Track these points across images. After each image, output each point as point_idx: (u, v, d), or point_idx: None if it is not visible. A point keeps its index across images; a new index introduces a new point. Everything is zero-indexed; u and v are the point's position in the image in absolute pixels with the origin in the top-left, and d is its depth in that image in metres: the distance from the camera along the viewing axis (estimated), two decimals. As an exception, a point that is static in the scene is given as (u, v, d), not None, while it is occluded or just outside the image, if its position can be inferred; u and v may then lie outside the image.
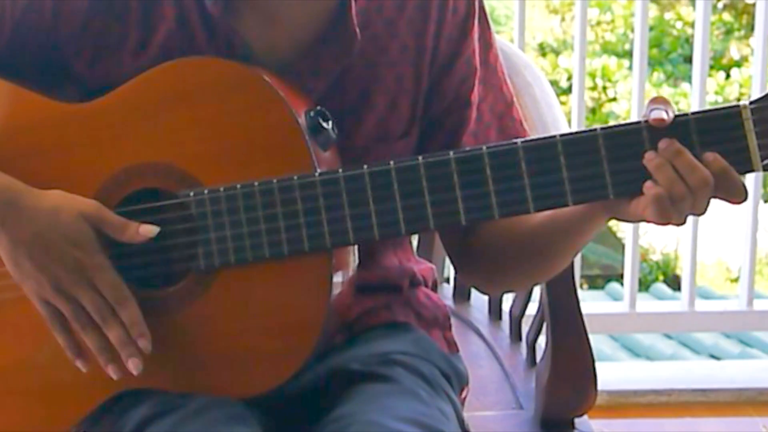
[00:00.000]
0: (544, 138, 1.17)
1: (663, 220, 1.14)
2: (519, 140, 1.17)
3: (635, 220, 1.17)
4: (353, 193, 1.19)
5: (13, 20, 1.28)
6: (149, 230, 1.22)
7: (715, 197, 1.14)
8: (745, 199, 1.14)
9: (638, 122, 1.14)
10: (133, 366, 1.20)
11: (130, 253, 1.23)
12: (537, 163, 1.16)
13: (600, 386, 1.51)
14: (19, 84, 1.28)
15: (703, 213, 1.15)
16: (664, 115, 1.13)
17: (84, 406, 1.26)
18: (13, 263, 1.21)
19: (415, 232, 1.25)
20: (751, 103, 1.13)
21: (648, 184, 1.14)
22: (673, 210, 1.14)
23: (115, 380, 1.22)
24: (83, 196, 1.23)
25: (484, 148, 1.17)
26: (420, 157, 1.19)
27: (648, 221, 1.16)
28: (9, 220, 1.20)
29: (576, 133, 1.17)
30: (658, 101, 1.14)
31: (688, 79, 6.93)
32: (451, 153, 1.18)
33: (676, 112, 1.14)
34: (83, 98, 1.27)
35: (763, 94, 1.13)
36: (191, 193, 1.22)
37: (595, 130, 1.15)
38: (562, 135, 1.16)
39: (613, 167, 1.14)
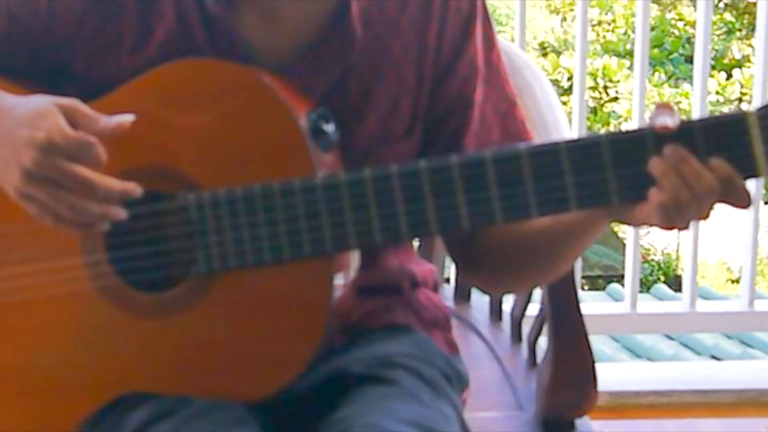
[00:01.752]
0: (548, 144, 1.16)
1: (667, 225, 1.14)
2: (523, 146, 1.17)
3: (639, 224, 1.17)
4: (355, 198, 1.19)
5: (8, 18, 1.28)
6: (122, 120, 1.14)
7: (719, 202, 1.14)
8: (750, 204, 1.14)
9: (642, 129, 1.14)
10: (116, 212, 1.15)
11: (130, 257, 1.22)
12: (541, 168, 1.15)
13: (601, 387, 1.51)
14: (18, 84, 1.28)
15: (706, 218, 1.15)
16: (669, 122, 1.12)
17: (84, 408, 1.26)
18: None
19: (417, 236, 1.25)
20: (757, 110, 1.12)
21: (653, 190, 1.13)
22: (678, 216, 1.13)
23: (114, 383, 1.22)
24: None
25: (488, 153, 1.17)
26: (422, 162, 1.18)
27: (652, 225, 1.16)
28: None
29: (580, 139, 1.16)
30: (663, 108, 1.13)
31: (689, 79, 6.93)
32: (454, 158, 1.17)
33: (681, 119, 1.14)
34: (83, 99, 1.26)
35: (768, 100, 1.13)
36: (191, 197, 1.22)
37: (599, 136, 1.15)
38: (566, 141, 1.16)
39: (617, 173, 1.14)
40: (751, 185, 2.82)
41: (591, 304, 3.33)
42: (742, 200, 1.13)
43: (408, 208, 1.18)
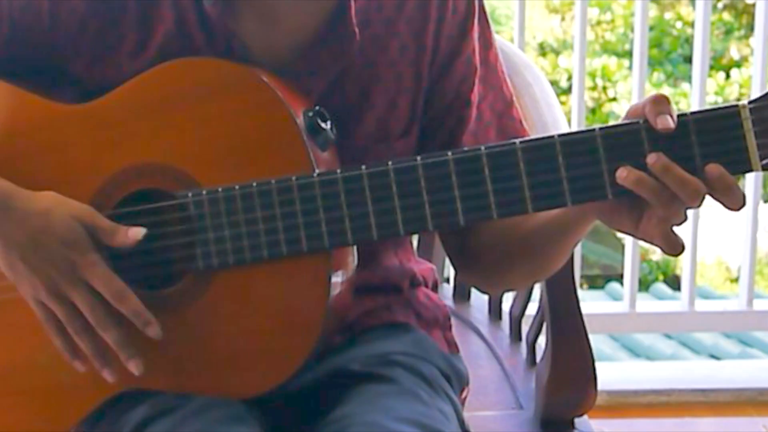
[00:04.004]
0: (543, 138, 1.17)
1: (666, 236, 1.14)
2: (517, 140, 1.17)
3: (641, 238, 1.17)
4: (352, 194, 1.19)
5: (11, 21, 1.28)
6: (137, 232, 1.20)
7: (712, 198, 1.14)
8: (742, 206, 1.13)
9: (636, 122, 1.14)
10: (134, 367, 1.20)
11: (128, 254, 1.23)
12: (535, 163, 1.16)
13: (600, 386, 1.51)
14: (18, 85, 1.28)
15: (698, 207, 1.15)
16: (671, 123, 1.12)
17: (84, 406, 1.26)
18: (8, 265, 1.21)
19: (413, 232, 1.25)
20: (749, 102, 1.13)
21: (648, 213, 1.13)
22: (674, 223, 1.13)
23: (114, 381, 1.22)
24: (82, 198, 1.22)
25: (483, 148, 1.17)
26: (418, 158, 1.18)
27: (654, 244, 1.15)
28: (0, 222, 1.20)
29: (574, 133, 1.16)
30: (661, 102, 1.13)
31: (688, 79, 6.92)
32: (450, 153, 1.18)
33: (677, 112, 1.14)
34: (82, 99, 1.27)
35: (762, 93, 1.13)
36: (189, 194, 1.22)
37: (593, 130, 1.15)
38: (560, 135, 1.16)
39: (612, 167, 1.14)
40: (749, 183, 2.82)
41: (590, 303, 3.33)
42: (735, 201, 1.13)
43: (404, 204, 1.18)
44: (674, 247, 1.14)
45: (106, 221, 1.21)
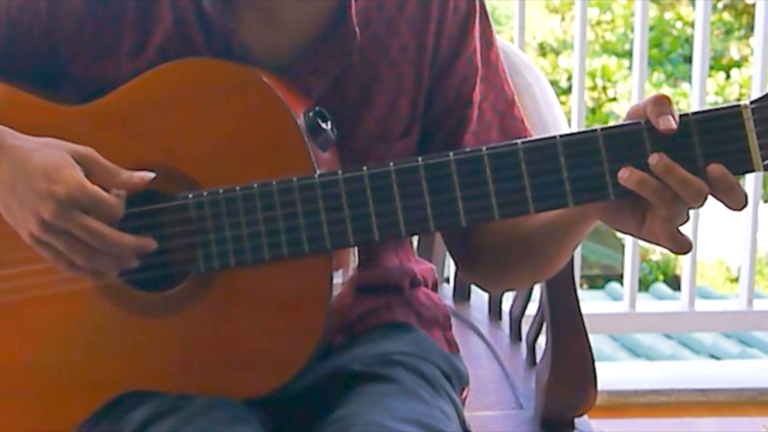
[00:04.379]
0: (544, 138, 1.17)
1: (671, 237, 1.14)
2: (519, 141, 1.17)
3: (646, 239, 1.17)
4: (353, 195, 1.19)
5: (9, 22, 1.29)
6: (143, 176, 1.19)
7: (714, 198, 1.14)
8: (744, 206, 1.13)
9: (638, 123, 1.14)
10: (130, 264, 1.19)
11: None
12: (537, 163, 1.16)
13: (600, 386, 1.51)
14: (17, 86, 1.29)
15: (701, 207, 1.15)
16: (673, 124, 1.12)
17: (85, 407, 1.26)
18: (4, 208, 1.19)
19: (415, 233, 1.25)
20: (751, 102, 1.12)
21: (651, 214, 1.13)
22: (678, 223, 1.13)
23: (115, 381, 1.22)
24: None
25: (484, 149, 1.17)
26: (420, 159, 1.18)
27: (660, 245, 1.15)
28: None
29: (576, 133, 1.16)
30: (663, 103, 1.12)
31: (688, 79, 6.92)
32: (451, 154, 1.18)
33: (678, 113, 1.14)
34: (82, 100, 1.27)
35: (763, 93, 1.13)
36: (190, 195, 1.22)
37: (595, 130, 1.15)
38: (562, 135, 1.16)
39: (614, 167, 1.14)
40: (750, 183, 2.82)
41: (590, 303, 3.33)
42: (737, 201, 1.13)
43: (405, 205, 1.18)
44: (682, 246, 1.13)
45: (109, 162, 1.19)
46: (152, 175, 1.19)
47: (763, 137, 1.12)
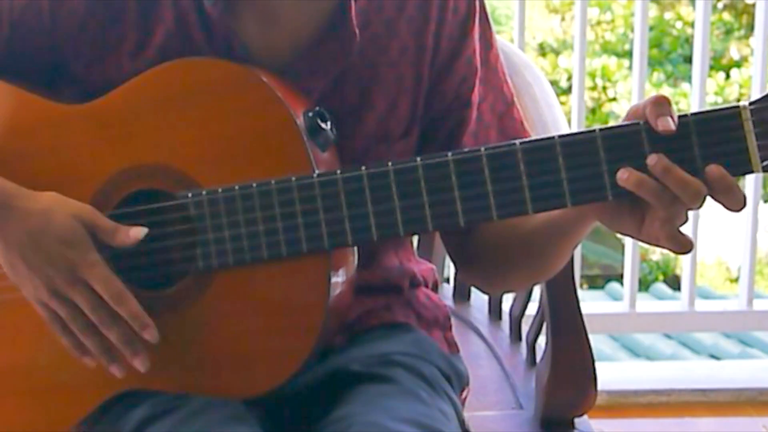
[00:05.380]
0: (543, 139, 1.16)
1: (672, 237, 1.14)
2: (517, 141, 1.17)
3: (647, 241, 1.16)
4: (351, 194, 1.19)
5: (11, 21, 1.29)
6: (138, 232, 1.21)
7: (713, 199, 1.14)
8: (742, 207, 1.13)
9: (637, 123, 1.14)
10: (140, 363, 1.20)
11: (128, 255, 1.23)
12: (535, 164, 1.16)
13: (600, 386, 1.51)
14: (18, 85, 1.28)
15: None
16: (672, 125, 1.12)
17: (83, 406, 1.26)
18: (9, 265, 1.21)
19: (413, 233, 1.25)
20: (750, 103, 1.12)
21: (650, 215, 1.13)
22: (678, 224, 1.13)
23: (114, 381, 1.22)
24: (82, 198, 1.23)
25: (483, 149, 1.17)
26: (418, 159, 1.18)
27: (660, 246, 1.15)
28: (1, 222, 1.20)
29: (574, 134, 1.16)
30: (662, 104, 1.12)
31: (688, 79, 6.93)
32: (450, 154, 1.18)
33: (677, 113, 1.13)
34: (82, 99, 1.27)
35: (762, 94, 1.13)
36: (189, 195, 1.22)
37: (593, 131, 1.15)
38: (560, 136, 1.16)
39: (612, 168, 1.14)
40: (749, 183, 2.82)
41: (590, 303, 3.34)
42: (735, 202, 1.12)
43: (404, 205, 1.18)
44: (683, 246, 1.13)
45: (107, 221, 1.21)
46: (146, 230, 1.21)
47: (762, 138, 1.12)
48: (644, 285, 6.42)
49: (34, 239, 1.19)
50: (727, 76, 8.61)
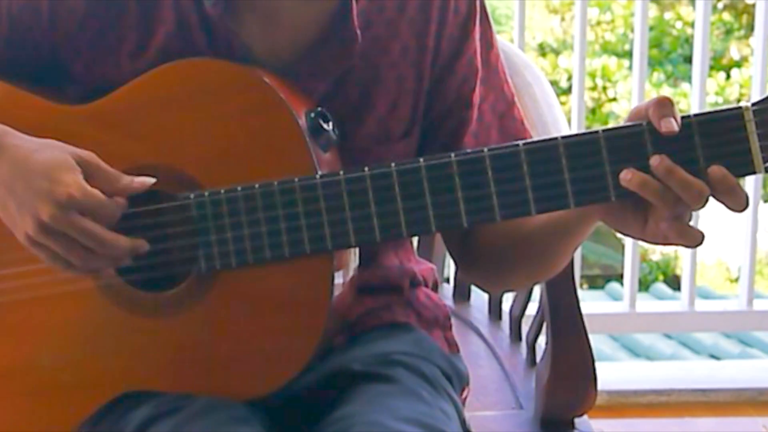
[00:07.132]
0: (546, 140, 1.16)
1: (679, 235, 1.14)
2: (520, 142, 1.17)
3: (651, 241, 1.16)
4: (354, 195, 1.19)
5: (10, 21, 1.29)
6: (144, 181, 1.20)
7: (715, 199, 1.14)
8: (745, 208, 1.13)
9: (639, 124, 1.14)
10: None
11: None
12: (538, 165, 1.16)
13: (600, 386, 1.51)
14: (18, 85, 1.29)
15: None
16: (675, 126, 1.12)
17: (85, 407, 1.26)
18: (1, 206, 1.20)
19: (416, 234, 1.25)
20: (753, 104, 1.12)
21: (653, 215, 1.13)
22: (684, 221, 1.14)
23: (116, 381, 1.23)
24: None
25: (486, 150, 1.17)
26: (421, 160, 1.18)
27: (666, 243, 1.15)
28: None
29: (577, 135, 1.16)
30: (665, 105, 1.12)
31: (688, 79, 6.92)
32: (453, 155, 1.18)
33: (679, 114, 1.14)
34: (83, 100, 1.27)
35: (765, 95, 1.13)
36: (192, 195, 1.22)
37: (596, 132, 1.15)
38: (563, 137, 1.16)
39: (615, 169, 1.14)
40: (749, 183, 2.82)
41: (590, 303, 3.34)
42: (738, 202, 1.13)
43: (407, 206, 1.18)
44: (694, 239, 1.13)
45: (111, 168, 1.19)
46: (152, 180, 1.20)
47: (764, 139, 1.12)
48: (644, 285, 6.43)
49: (21, 171, 1.17)
50: (728, 76, 8.62)
